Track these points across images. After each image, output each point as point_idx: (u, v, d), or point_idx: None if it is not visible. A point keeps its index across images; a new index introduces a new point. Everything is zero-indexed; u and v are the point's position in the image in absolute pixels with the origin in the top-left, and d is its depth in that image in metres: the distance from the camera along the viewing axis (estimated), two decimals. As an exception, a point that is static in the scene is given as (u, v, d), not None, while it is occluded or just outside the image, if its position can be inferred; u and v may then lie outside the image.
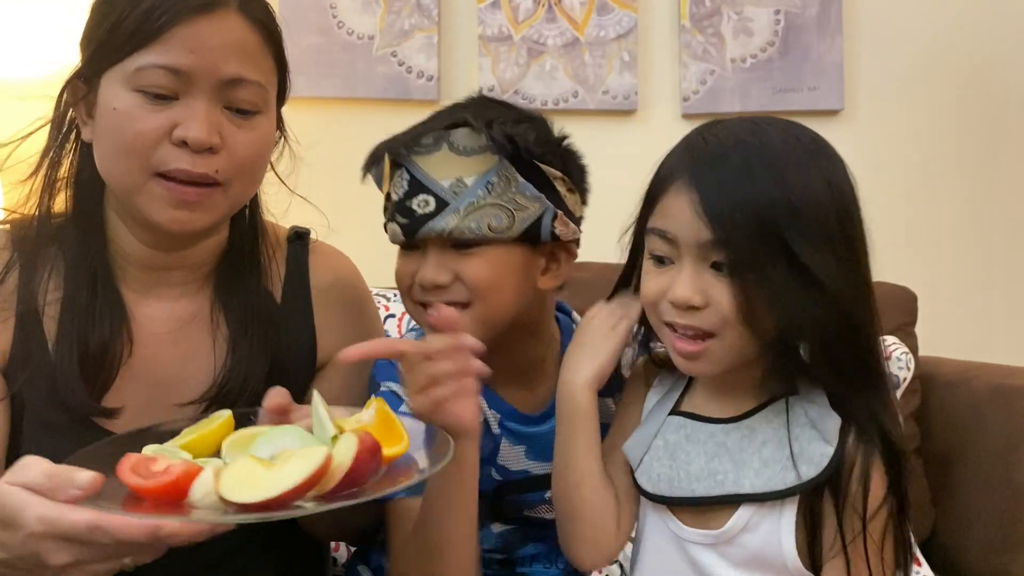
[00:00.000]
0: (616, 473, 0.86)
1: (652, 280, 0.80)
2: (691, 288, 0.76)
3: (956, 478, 1.48)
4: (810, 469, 0.75)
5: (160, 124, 0.80)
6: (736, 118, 0.81)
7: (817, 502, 0.75)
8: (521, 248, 0.88)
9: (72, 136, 0.89)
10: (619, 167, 0.97)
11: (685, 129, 0.81)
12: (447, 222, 0.85)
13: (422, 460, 0.71)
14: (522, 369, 0.96)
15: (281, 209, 1.00)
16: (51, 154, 0.88)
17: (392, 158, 0.89)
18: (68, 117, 0.88)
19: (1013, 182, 1.97)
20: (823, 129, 0.80)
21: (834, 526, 0.75)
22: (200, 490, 0.62)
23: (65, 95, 0.87)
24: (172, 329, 0.91)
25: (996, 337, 1.91)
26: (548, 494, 0.96)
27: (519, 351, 0.95)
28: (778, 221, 0.72)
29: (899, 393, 1.50)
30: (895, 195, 1.92)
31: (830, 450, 0.75)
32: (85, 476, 0.61)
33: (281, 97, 0.92)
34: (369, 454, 0.65)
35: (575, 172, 0.93)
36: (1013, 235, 1.97)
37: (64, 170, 0.89)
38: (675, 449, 0.81)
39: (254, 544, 0.93)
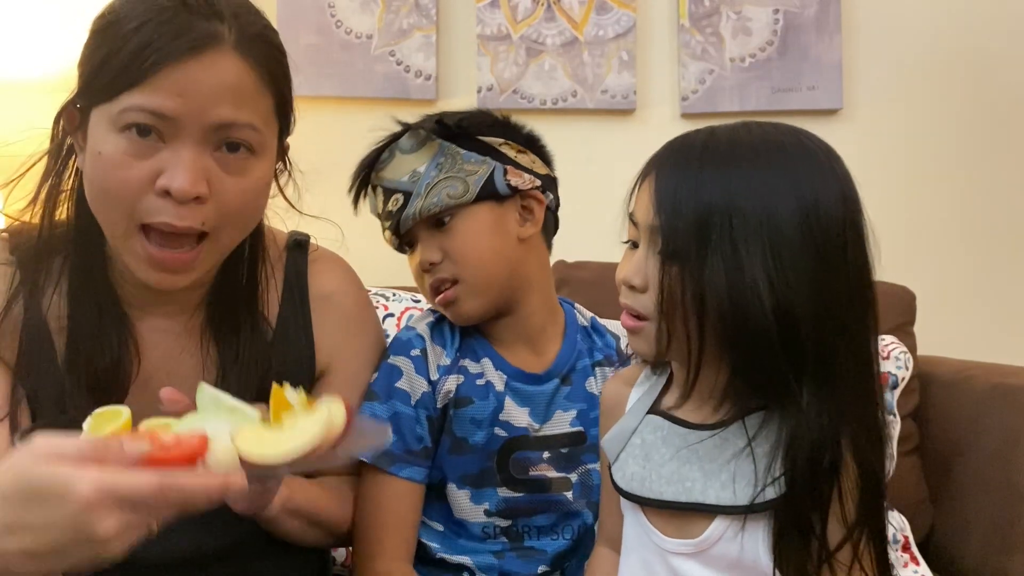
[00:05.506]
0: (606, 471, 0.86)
1: (621, 262, 0.82)
2: (633, 269, 0.78)
3: (955, 477, 1.48)
4: (772, 489, 0.73)
5: (145, 173, 0.77)
6: (738, 121, 0.80)
7: (788, 518, 0.73)
8: (487, 206, 1.00)
9: (71, 161, 0.87)
10: (618, 166, 0.97)
11: (684, 128, 0.81)
12: (415, 207, 0.99)
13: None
14: (529, 333, 1.05)
15: (280, 209, 0.99)
16: (50, 180, 0.86)
17: (370, 183, 1.05)
18: (65, 143, 0.86)
19: (1012, 181, 1.97)
20: (822, 128, 0.79)
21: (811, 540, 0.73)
22: (222, 453, 0.65)
23: (62, 122, 0.85)
24: (171, 345, 0.91)
25: (995, 336, 1.91)
26: (547, 453, 1.03)
27: (526, 312, 1.04)
28: (714, 220, 0.72)
29: (898, 392, 1.50)
30: (893, 194, 1.92)
31: (792, 470, 0.73)
32: (137, 443, 0.61)
33: (285, 130, 0.89)
34: (352, 416, 0.73)
35: (521, 139, 1.05)
36: (1012, 234, 1.97)
37: (64, 185, 0.87)
38: (650, 449, 0.80)
39: (257, 544, 0.93)
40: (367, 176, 1.04)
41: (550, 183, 1.07)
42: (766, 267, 0.71)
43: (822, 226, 0.73)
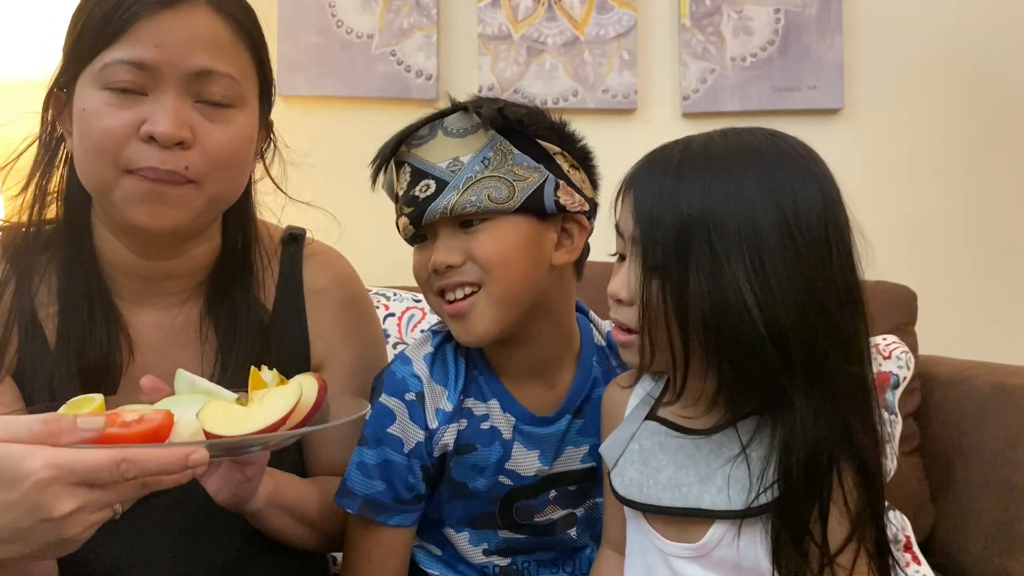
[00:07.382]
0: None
1: (612, 276, 0.82)
2: (620, 283, 0.79)
3: (955, 477, 1.48)
4: (767, 494, 0.72)
5: (128, 120, 0.79)
6: (714, 129, 0.80)
7: (785, 522, 0.73)
8: (527, 220, 0.88)
9: (61, 149, 0.88)
10: (619, 166, 0.96)
11: (685, 128, 0.81)
12: (448, 200, 0.86)
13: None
14: (541, 365, 0.95)
15: (281, 209, 1.00)
16: (41, 169, 0.87)
17: (395, 159, 0.92)
18: (55, 131, 0.87)
19: (1013, 181, 1.97)
20: (823, 128, 0.79)
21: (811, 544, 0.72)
22: (187, 430, 0.64)
23: (49, 108, 0.87)
24: (165, 338, 0.91)
25: (996, 336, 1.91)
26: (554, 492, 0.97)
27: (540, 344, 0.93)
28: (693, 232, 0.72)
29: (899, 392, 1.50)
30: (895, 194, 1.92)
31: (787, 475, 0.72)
32: (92, 418, 0.60)
33: (266, 97, 0.90)
34: (324, 392, 0.73)
35: (577, 153, 0.93)
36: (1013, 234, 1.97)
37: (55, 183, 0.88)
38: (648, 456, 0.80)
39: (253, 553, 0.93)
40: (395, 150, 0.91)
41: (594, 210, 0.95)
42: (748, 277, 0.70)
43: (803, 230, 0.72)
